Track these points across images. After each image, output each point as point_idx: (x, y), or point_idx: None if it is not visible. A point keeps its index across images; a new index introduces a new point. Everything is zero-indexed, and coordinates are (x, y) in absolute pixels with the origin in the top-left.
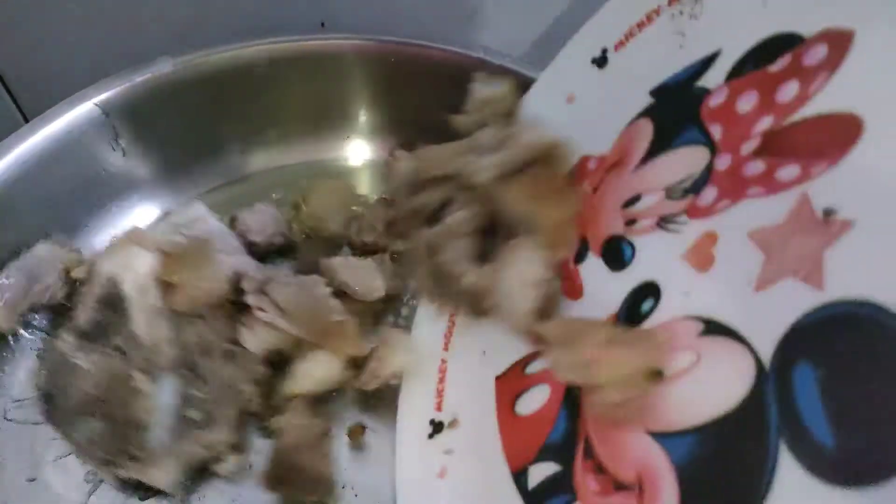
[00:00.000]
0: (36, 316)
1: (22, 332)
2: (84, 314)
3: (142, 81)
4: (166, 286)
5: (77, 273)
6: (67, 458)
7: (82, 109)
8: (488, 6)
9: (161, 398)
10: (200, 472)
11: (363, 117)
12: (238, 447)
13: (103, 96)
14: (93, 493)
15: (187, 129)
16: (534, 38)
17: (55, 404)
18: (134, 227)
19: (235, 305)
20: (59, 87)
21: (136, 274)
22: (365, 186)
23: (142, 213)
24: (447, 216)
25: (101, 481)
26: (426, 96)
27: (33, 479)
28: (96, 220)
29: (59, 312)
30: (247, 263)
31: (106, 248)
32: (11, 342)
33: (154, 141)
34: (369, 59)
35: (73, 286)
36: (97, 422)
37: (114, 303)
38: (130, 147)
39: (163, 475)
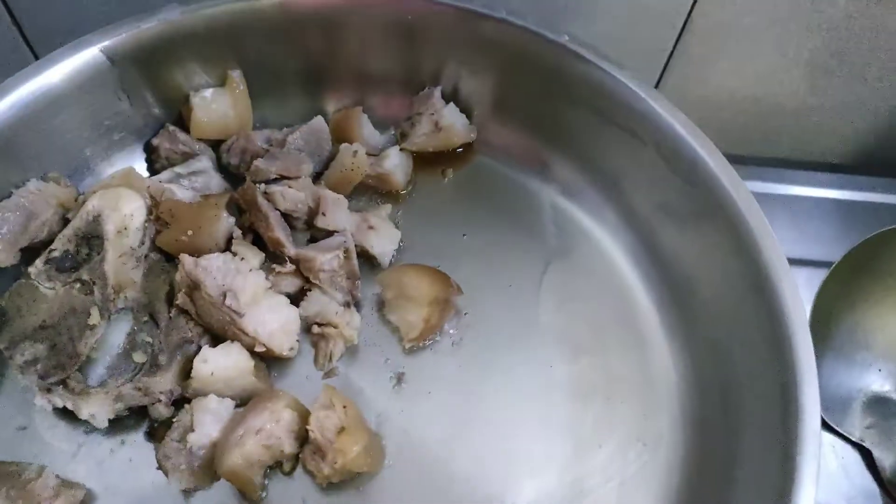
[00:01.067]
0: None
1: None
2: (60, 245)
3: (148, 28)
4: (160, 224)
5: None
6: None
7: (87, 55)
8: None
9: (110, 337)
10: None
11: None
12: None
13: (108, 42)
14: (83, 445)
15: (193, 77)
16: None
17: (8, 322)
18: (129, 168)
19: None
20: (71, 27)
21: (121, 214)
22: None
23: (142, 160)
24: None
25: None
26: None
27: (24, 428)
28: (100, 164)
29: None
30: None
31: (99, 184)
32: None
33: (160, 89)
34: (378, 17)
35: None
36: (42, 347)
37: (91, 239)
38: (136, 96)
39: (94, 410)
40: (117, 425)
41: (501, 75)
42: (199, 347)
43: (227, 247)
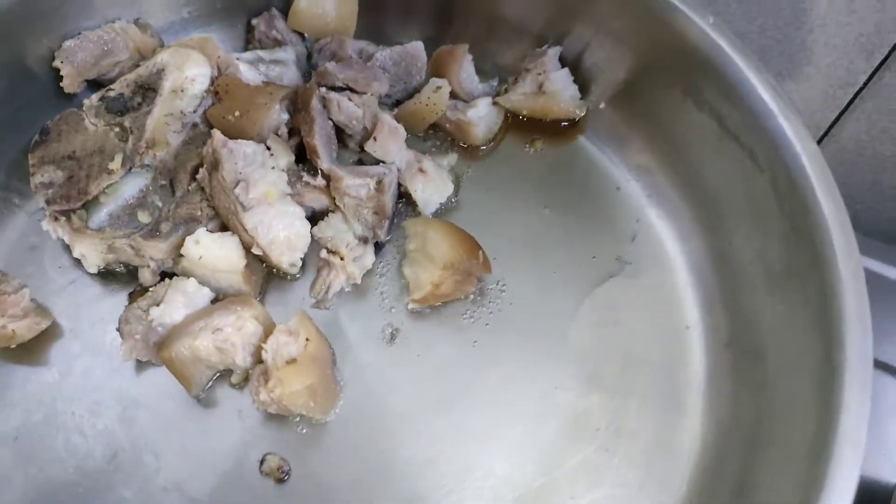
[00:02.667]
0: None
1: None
2: (119, 87)
3: None
4: (215, 98)
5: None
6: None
7: None
8: None
9: (124, 189)
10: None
11: None
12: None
13: None
14: (73, 283)
15: None
16: None
17: (46, 143)
18: (210, 36)
19: None
20: None
21: (183, 76)
22: None
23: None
24: None
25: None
26: None
27: (34, 248)
28: (194, 28)
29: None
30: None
31: (175, 42)
32: None
33: None
34: None
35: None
36: (61, 174)
37: (148, 90)
38: None
39: (85, 252)
40: (109, 278)
41: (634, 55)
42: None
43: None
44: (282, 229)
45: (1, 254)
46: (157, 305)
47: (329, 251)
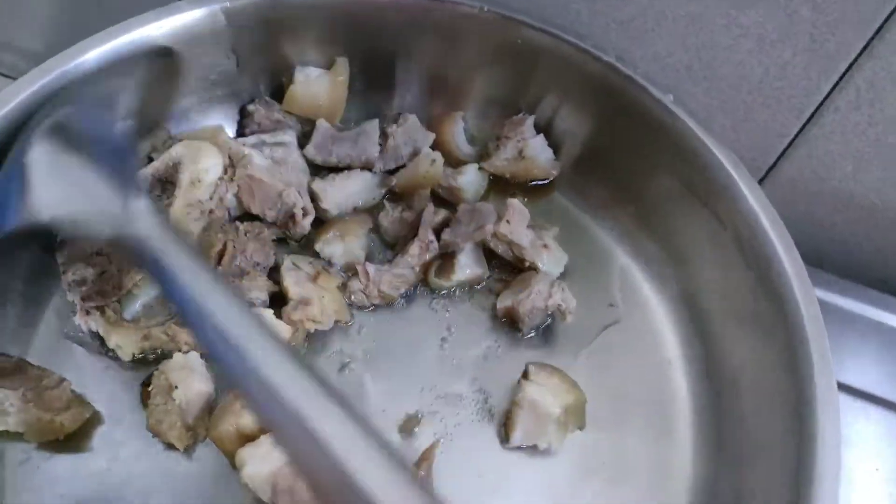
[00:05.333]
0: None
1: None
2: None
3: None
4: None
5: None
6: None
7: (207, 11)
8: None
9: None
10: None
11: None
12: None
13: (231, 4)
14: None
15: (303, 52)
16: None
17: (72, 243)
18: (219, 126)
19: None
20: None
21: (198, 167)
22: None
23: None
24: None
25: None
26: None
27: (67, 337)
28: (195, 115)
29: None
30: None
31: (187, 134)
32: None
33: (268, 58)
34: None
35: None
36: (92, 272)
37: (166, 183)
38: (244, 59)
39: (121, 342)
40: (142, 364)
41: (599, 121)
42: None
43: None
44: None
45: (35, 348)
46: (175, 388)
47: None
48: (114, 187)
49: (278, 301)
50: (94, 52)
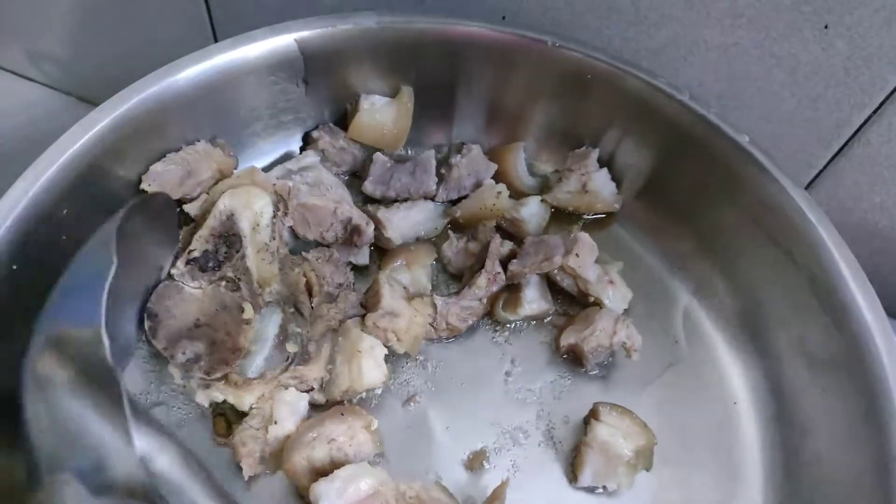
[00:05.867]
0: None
1: None
2: (199, 245)
3: (343, 29)
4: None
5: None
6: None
7: (282, 41)
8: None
9: (266, 330)
10: None
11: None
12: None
13: (304, 34)
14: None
15: (368, 82)
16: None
17: (161, 323)
18: (252, 167)
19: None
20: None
21: (253, 212)
22: None
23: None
24: None
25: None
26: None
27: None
28: (262, 141)
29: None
30: (356, 213)
31: (224, 184)
32: None
33: (336, 86)
34: (558, 66)
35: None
36: (201, 344)
37: (229, 237)
38: (313, 86)
39: (252, 400)
40: None
41: (664, 156)
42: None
43: None
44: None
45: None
46: (274, 424)
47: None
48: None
49: None
50: (176, 79)
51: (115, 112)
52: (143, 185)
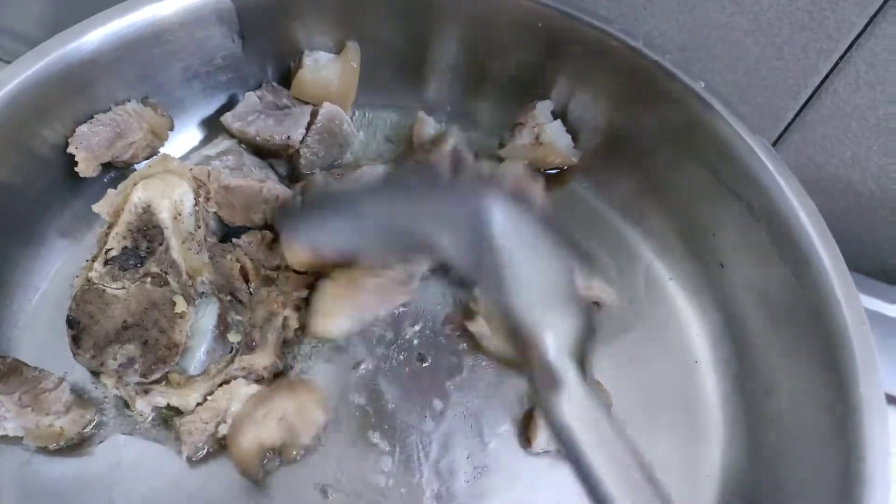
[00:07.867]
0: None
1: None
2: (116, 243)
3: None
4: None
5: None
6: None
7: None
8: None
9: (203, 323)
10: None
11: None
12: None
13: None
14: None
15: (311, 38)
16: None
17: (85, 330)
18: (164, 154)
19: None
20: None
21: (172, 200)
22: None
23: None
24: None
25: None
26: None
27: None
28: (199, 101)
29: None
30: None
31: (135, 175)
32: None
33: (275, 41)
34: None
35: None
36: (132, 347)
37: (149, 231)
38: (250, 42)
39: (197, 399)
40: None
41: (620, 106)
42: (286, 318)
43: None
44: None
45: (32, 350)
46: (224, 423)
47: None
48: None
49: None
50: (95, 34)
51: (32, 68)
52: (70, 149)
